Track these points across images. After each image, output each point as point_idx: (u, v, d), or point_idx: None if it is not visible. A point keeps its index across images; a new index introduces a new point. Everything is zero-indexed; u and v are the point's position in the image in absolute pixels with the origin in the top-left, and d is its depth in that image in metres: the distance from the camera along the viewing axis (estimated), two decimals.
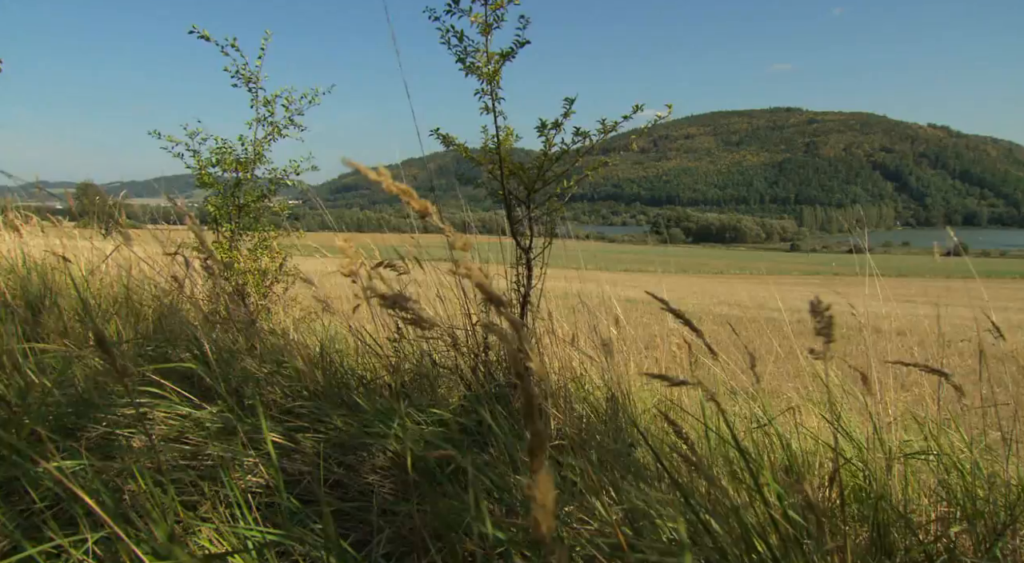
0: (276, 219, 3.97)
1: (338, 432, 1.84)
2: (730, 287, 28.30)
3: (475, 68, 2.34)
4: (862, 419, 2.59)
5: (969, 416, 2.41)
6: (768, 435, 2.27)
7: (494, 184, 2.54)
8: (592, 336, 3.13)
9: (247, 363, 2.22)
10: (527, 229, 2.50)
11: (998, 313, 9.03)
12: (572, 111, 2.34)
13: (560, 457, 1.95)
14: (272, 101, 3.71)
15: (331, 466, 1.64)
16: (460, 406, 2.36)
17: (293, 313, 3.73)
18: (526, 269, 2.48)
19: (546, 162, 2.40)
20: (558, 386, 2.49)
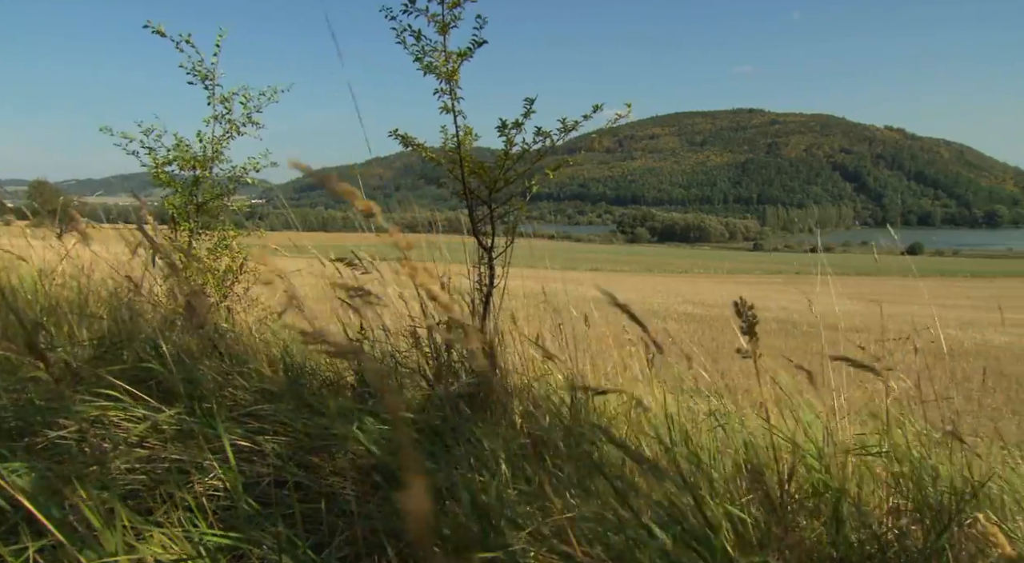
0: (237, 218, 3.92)
1: (300, 434, 1.82)
2: (695, 286, 28.68)
3: (433, 67, 2.34)
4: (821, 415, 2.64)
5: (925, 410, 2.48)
6: (727, 432, 2.31)
7: (457, 184, 2.55)
8: (557, 335, 3.15)
9: (207, 364, 2.19)
10: (489, 229, 2.51)
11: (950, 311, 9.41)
12: (533, 111, 2.35)
13: (522, 457, 1.96)
14: (230, 98, 3.66)
15: (292, 468, 1.63)
16: (423, 406, 2.36)
17: (255, 313, 3.68)
18: (488, 269, 2.49)
19: (507, 161, 2.41)
20: (521, 385, 2.50)
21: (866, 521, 1.89)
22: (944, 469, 1.98)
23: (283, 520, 1.38)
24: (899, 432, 2.31)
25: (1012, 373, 7.90)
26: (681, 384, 3.30)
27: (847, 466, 2.14)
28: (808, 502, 2.17)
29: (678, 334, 9.44)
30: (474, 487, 1.63)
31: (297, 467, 1.64)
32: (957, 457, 2.04)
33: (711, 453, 2.26)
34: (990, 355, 9.34)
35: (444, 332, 2.62)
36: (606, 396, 2.69)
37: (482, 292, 2.51)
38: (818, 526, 2.03)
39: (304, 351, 2.99)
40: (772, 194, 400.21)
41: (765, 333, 10.83)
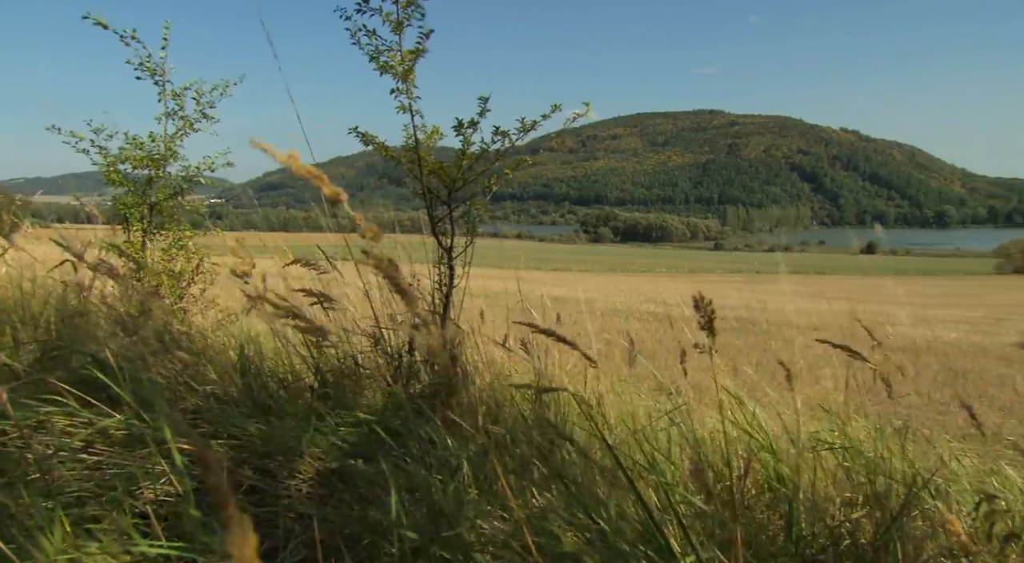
0: (195, 218, 3.84)
1: (255, 437, 1.79)
2: (657, 285, 28.98)
3: (389, 67, 2.32)
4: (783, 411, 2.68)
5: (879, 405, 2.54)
6: (685, 429, 2.33)
7: (417, 183, 2.53)
8: (519, 334, 3.14)
9: (158, 368, 2.14)
10: (449, 228, 2.50)
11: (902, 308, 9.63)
12: (488, 110, 2.35)
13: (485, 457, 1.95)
14: (181, 94, 3.57)
15: (246, 472, 1.60)
16: (384, 407, 2.34)
17: (211, 315, 3.61)
18: (448, 268, 2.47)
19: (465, 161, 2.40)
20: (482, 385, 2.50)
21: (820, 514, 1.92)
22: (894, 462, 2.03)
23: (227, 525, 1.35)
24: (853, 426, 2.36)
25: (960, 368, 8.15)
26: (641, 383, 3.33)
27: (802, 461, 2.18)
28: (764, 496, 2.21)
29: (640, 333, 9.52)
30: (434, 487, 1.62)
31: (252, 471, 1.61)
32: (907, 450, 2.09)
33: (669, 450, 2.28)
34: (940, 351, 9.62)
35: (405, 332, 2.60)
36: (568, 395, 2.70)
37: (442, 292, 2.50)
38: (775, 519, 2.07)
39: (262, 353, 2.94)
40: (732, 194, 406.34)
41: (725, 331, 11.01)
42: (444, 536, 1.37)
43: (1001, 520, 1.67)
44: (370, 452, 1.83)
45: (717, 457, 2.35)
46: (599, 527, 1.27)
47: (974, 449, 2.71)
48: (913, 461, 2.08)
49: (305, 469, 1.71)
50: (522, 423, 2.22)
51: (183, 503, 1.33)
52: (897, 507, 1.78)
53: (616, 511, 1.35)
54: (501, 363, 2.71)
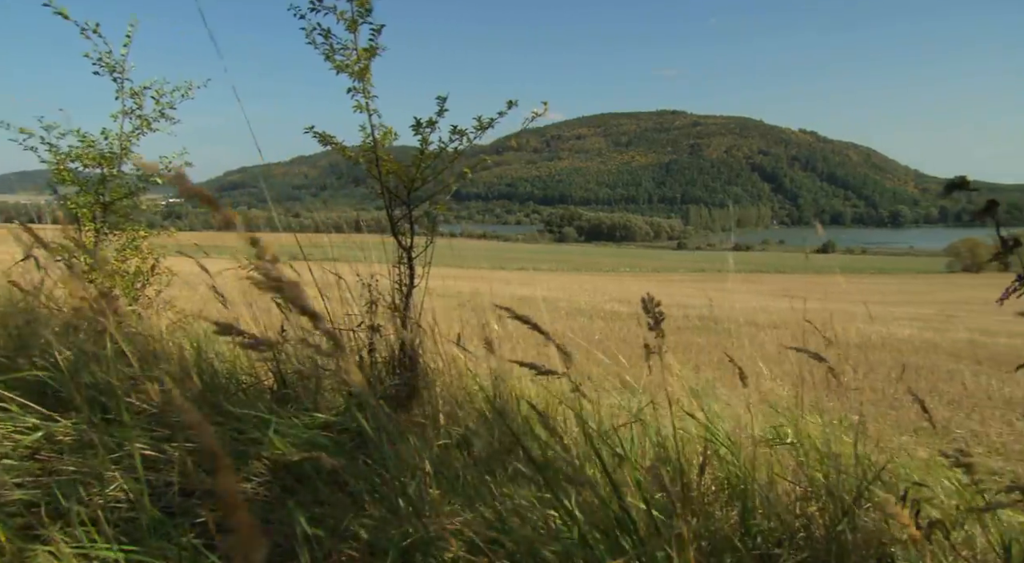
0: (152, 218, 3.76)
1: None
2: (621, 284, 29.20)
3: (345, 66, 2.30)
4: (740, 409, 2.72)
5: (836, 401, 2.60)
6: (645, 427, 2.36)
7: (376, 183, 2.52)
8: (481, 334, 3.15)
9: (112, 370, 2.09)
10: (407, 228, 2.49)
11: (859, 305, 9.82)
12: (446, 109, 2.35)
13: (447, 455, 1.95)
14: (140, 93, 3.49)
15: (202, 475, 1.57)
16: (345, 408, 2.32)
17: (168, 316, 3.54)
18: (408, 268, 2.47)
19: (423, 160, 2.40)
20: (443, 385, 2.49)
21: (775, 509, 1.96)
22: (847, 456, 2.08)
23: (192, 529, 1.33)
24: (808, 422, 2.41)
25: (912, 364, 8.38)
26: (603, 382, 3.35)
27: (758, 457, 2.22)
28: (724, 492, 2.24)
29: (604, 332, 9.59)
30: (395, 486, 1.62)
31: (208, 474, 1.59)
32: (860, 445, 2.14)
33: (630, 447, 2.31)
34: (894, 347, 9.87)
35: (365, 333, 2.59)
36: (525, 394, 2.71)
37: (402, 292, 2.49)
38: (731, 514, 2.10)
39: (221, 354, 2.90)
40: (695, 194, 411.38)
41: (688, 329, 11.14)
42: (405, 534, 1.37)
43: (927, 508, 1.73)
44: (330, 453, 1.81)
45: (678, 454, 2.38)
46: (561, 520, 1.28)
47: (924, 442, 2.79)
48: (865, 455, 2.14)
49: (263, 470, 1.69)
50: (483, 422, 2.23)
51: (136, 509, 1.31)
52: (851, 500, 1.82)
53: (577, 505, 1.37)
54: (463, 362, 2.71)
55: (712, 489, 2.28)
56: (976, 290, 35.92)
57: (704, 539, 1.79)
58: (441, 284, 3.53)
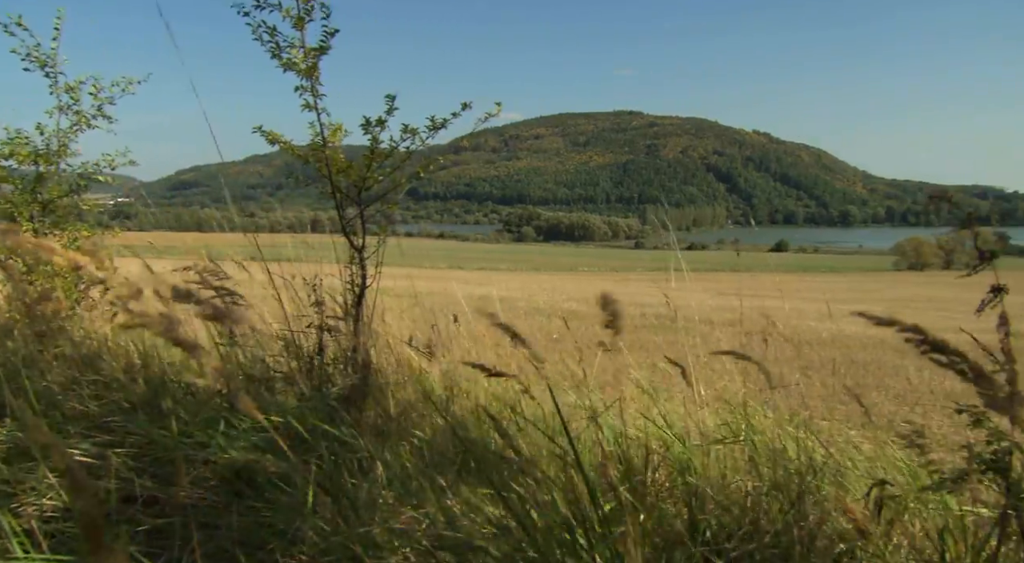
0: (98, 217, 3.64)
1: (156, 445, 1.72)
2: (579, 284, 29.37)
3: (292, 64, 2.27)
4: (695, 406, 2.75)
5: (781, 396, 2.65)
6: (600, 426, 2.37)
7: (326, 182, 2.48)
8: (433, 335, 3.13)
9: (51, 375, 2.03)
10: (359, 228, 2.46)
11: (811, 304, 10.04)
12: (395, 108, 2.33)
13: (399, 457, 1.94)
14: (76, 88, 3.37)
15: (145, 481, 1.53)
16: (296, 411, 2.29)
17: (113, 319, 3.43)
18: (360, 269, 2.44)
19: (373, 160, 2.37)
20: (397, 386, 2.48)
21: (725, 504, 2.00)
22: (793, 451, 2.12)
23: (133, 538, 1.30)
24: (758, 418, 2.46)
25: (860, 360, 8.61)
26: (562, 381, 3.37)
27: (711, 453, 2.25)
28: (677, 489, 2.27)
29: (562, 330, 9.63)
30: (346, 489, 1.60)
31: (151, 480, 1.55)
32: (808, 439, 2.19)
33: (585, 445, 2.32)
34: (843, 344, 10.14)
35: (316, 334, 2.55)
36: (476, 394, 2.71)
37: (354, 292, 2.46)
38: (683, 510, 2.13)
39: (170, 357, 2.83)
40: (652, 194, 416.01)
41: (645, 328, 11.25)
42: (355, 536, 1.35)
43: (889, 505, 1.78)
44: (280, 456, 1.78)
45: (632, 452, 2.41)
46: (511, 519, 1.28)
47: (869, 436, 2.86)
48: (812, 449, 2.18)
49: (210, 476, 1.65)
50: (436, 423, 2.22)
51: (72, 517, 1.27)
52: (797, 493, 1.87)
53: (529, 504, 1.37)
54: (416, 363, 2.70)
55: (666, 486, 2.31)
56: (920, 288, 37.10)
57: (657, 535, 1.81)
58: (397, 284, 3.50)
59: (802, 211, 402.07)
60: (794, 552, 1.69)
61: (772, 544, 1.76)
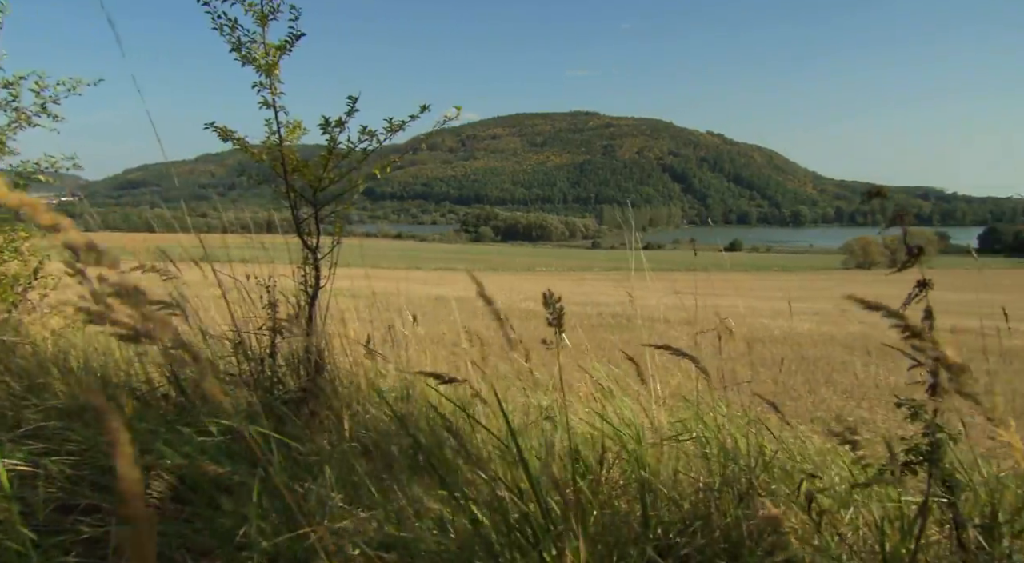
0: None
1: (97, 452, 1.67)
2: (537, 283, 29.49)
3: (252, 59, 2.23)
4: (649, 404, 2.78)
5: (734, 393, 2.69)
6: (555, 425, 2.38)
7: (280, 181, 2.45)
8: (389, 336, 3.11)
9: None
10: (313, 228, 2.43)
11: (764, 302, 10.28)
12: (356, 109, 2.30)
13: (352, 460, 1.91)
14: (16, 83, 3.25)
15: (84, 490, 1.49)
16: (246, 414, 2.24)
17: (53, 323, 3.32)
18: (314, 269, 2.41)
19: (330, 160, 2.34)
20: (351, 388, 2.45)
21: (678, 500, 2.02)
22: (744, 447, 2.16)
23: (71, 548, 1.26)
24: (710, 415, 2.49)
25: (811, 356, 8.82)
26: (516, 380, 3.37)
27: (664, 450, 2.27)
28: (630, 487, 2.29)
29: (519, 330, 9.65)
30: (295, 493, 1.57)
31: (90, 488, 1.50)
32: (758, 435, 2.23)
33: (540, 444, 2.33)
34: (795, 341, 10.37)
35: (268, 336, 2.51)
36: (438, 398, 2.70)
37: (307, 294, 2.43)
38: (636, 507, 2.15)
39: (113, 362, 2.75)
40: (608, 194, 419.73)
41: (602, 327, 11.35)
42: (302, 541, 1.33)
43: (819, 498, 1.83)
44: (227, 461, 1.75)
45: (587, 450, 2.42)
46: (461, 518, 1.28)
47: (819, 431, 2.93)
48: (761, 445, 2.22)
49: (155, 483, 1.61)
50: (390, 425, 2.20)
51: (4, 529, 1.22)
52: (747, 488, 1.90)
53: (480, 505, 1.37)
54: (369, 365, 2.67)
55: (620, 483, 2.33)
56: (868, 286, 38.18)
57: (610, 533, 1.82)
58: (355, 285, 3.46)
59: (755, 211, 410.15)
60: (743, 548, 1.71)
61: (723, 539, 1.79)
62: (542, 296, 1.24)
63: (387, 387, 2.66)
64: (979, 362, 6.82)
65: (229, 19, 2.22)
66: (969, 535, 1.33)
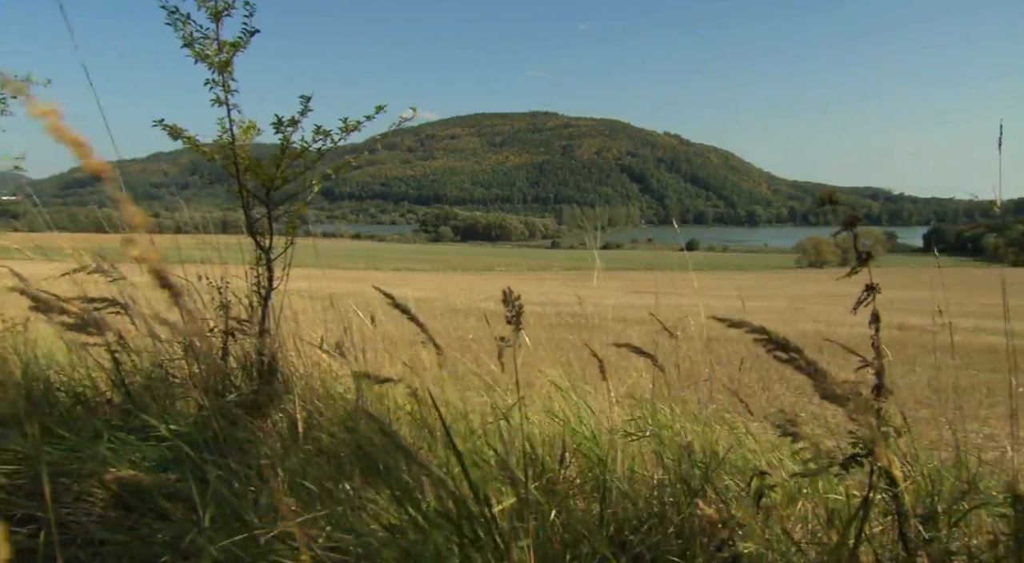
0: None
1: (35, 460, 1.61)
2: (496, 283, 29.49)
3: (205, 56, 2.18)
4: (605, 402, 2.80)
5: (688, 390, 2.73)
6: (511, 424, 2.38)
7: (232, 181, 2.40)
8: (346, 338, 3.07)
9: None
10: (267, 228, 2.39)
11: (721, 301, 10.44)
12: (309, 109, 2.27)
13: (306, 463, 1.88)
14: None
15: (20, 500, 1.43)
16: (196, 419, 2.19)
17: None
18: (267, 270, 2.37)
19: (284, 159, 2.31)
20: (306, 390, 2.41)
21: (632, 497, 2.04)
22: (698, 443, 2.19)
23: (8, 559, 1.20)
24: (666, 413, 2.52)
25: (763, 354, 8.99)
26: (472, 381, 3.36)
27: (620, 448, 2.29)
28: (586, 485, 2.31)
29: (478, 330, 9.64)
30: (244, 499, 1.54)
31: (27, 498, 1.45)
32: (711, 432, 2.26)
33: (496, 444, 2.32)
34: (749, 339, 10.53)
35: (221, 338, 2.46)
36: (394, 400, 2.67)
37: (260, 295, 2.38)
38: (592, 506, 2.16)
39: (56, 366, 2.67)
40: (567, 194, 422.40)
41: (560, 326, 11.41)
42: (251, 546, 1.30)
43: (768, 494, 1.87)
44: (176, 467, 1.71)
45: (544, 450, 2.43)
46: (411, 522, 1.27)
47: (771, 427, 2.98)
48: (714, 441, 2.26)
49: (98, 491, 1.56)
50: (344, 427, 2.17)
51: None
52: (698, 484, 1.93)
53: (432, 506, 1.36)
54: (325, 367, 2.64)
55: (576, 482, 2.34)
56: (820, 284, 39.15)
57: (566, 531, 1.83)
58: (312, 286, 3.41)
59: (712, 211, 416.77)
60: (695, 543, 1.74)
61: (676, 535, 1.81)
62: (502, 293, 1.23)
63: (343, 389, 2.62)
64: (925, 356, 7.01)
65: (182, 14, 2.17)
66: (911, 525, 1.37)
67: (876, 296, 1.28)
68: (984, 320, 12.82)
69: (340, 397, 2.47)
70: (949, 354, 7.94)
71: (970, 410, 5.67)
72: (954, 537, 1.46)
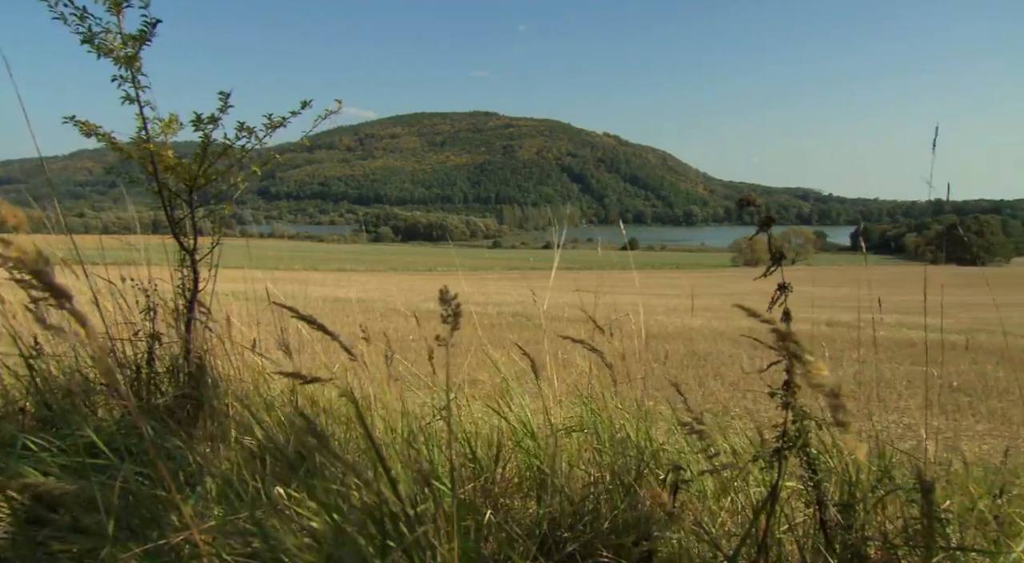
0: None
1: None
2: (438, 284, 29.30)
3: (108, 50, 2.09)
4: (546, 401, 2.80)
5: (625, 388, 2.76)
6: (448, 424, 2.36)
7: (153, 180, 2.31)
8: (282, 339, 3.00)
9: None
10: (191, 228, 2.31)
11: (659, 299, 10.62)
12: (230, 105, 2.20)
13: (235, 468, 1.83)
14: None
15: None
16: (118, 426, 2.11)
17: None
18: (192, 271, 2.29)
19: (205, 157, 2.23)
20: (239, 394, 2.35)
21: (570, 494, 2.05)
22: (634, 439, 2.22)
23: None
24: (604, 410, 2.54)
25: (701, 351, 9.20)
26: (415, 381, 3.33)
27: (560, 446, 2.30)
28: (525, 483, 2.31)
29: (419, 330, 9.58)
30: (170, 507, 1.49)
31: None
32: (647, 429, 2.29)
33: (437, 444, 2.31)
34: (687, 336, 10.79)
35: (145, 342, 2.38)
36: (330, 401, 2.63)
37: (186, 297, 2.31)
38: (530, 504, 2.17)
39: None
40: (508, 194, 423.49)
41: (501, 326, 11.42)
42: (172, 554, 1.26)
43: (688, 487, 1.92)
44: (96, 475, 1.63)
45: (483, 449, 2.42)
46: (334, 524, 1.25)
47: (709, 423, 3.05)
48: (651, 438, 2.29)
49: (3, 503, 1.49)
50: (278, 430, 2.12)
51: None
52: (632, 480, 1.95)
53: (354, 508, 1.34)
54: (259, 370, 2.57)
55: (515, 481, 2.34)
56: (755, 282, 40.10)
57: (502, 530, 1.83)
58: (248, 288, 3.33)
59: (650, 211, 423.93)
60: (627, 538, 1.76)
61: (608, 531, 1.83)
62: (439, 292, 1.22)
63: (279, 391, 2.56)
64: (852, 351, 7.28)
65: (77, 8, 2.06)
66: (831, 513, 1.43)
67: (789, 294, 1.32)
68: (905, 316, 13.41)
69: (275, 400, 2.41)
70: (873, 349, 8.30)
71: (891, 401, 5.92)
72: (871, 523, 1.52)
